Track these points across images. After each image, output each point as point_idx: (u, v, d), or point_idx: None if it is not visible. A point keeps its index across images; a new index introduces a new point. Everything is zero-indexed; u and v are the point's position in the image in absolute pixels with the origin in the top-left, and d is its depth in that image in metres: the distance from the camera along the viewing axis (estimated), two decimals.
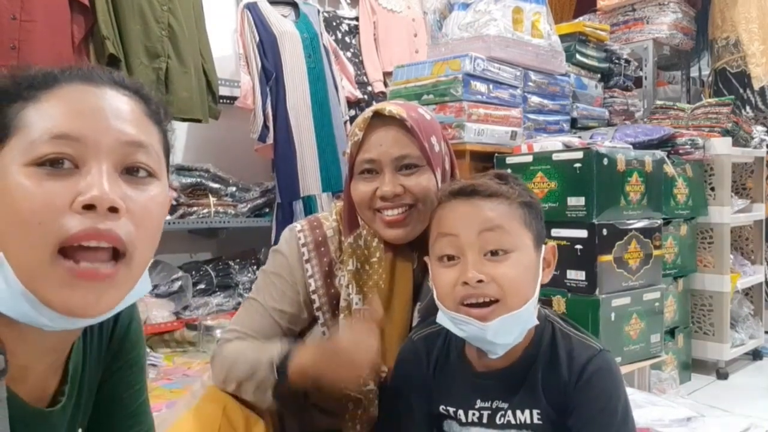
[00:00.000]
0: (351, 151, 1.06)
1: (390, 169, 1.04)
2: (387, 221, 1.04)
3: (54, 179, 0.59)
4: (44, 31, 2.27)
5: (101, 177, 0.60)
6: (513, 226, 0.89)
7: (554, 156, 2.04)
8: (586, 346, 0.94)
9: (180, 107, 2.65)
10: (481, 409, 0.96)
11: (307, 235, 1.16)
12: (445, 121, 2.33)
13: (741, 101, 3.47)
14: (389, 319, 1.10)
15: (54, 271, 0.58)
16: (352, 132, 1.08)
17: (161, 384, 2.36)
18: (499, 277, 0.86)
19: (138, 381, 0.83)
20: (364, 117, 1.06)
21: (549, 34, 2.67)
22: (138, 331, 0.82)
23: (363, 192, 1.06)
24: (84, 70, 0.66)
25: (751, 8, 3.49)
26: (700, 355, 2.64)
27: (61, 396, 0.70)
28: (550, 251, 0.96)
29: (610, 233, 1.94)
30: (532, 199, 0.95)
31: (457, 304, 0.88)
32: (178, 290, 2.84)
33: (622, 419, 0.90)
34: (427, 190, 1.06)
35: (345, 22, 3.57)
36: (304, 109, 2.98)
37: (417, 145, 1.05)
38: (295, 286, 1.14)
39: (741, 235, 3.02)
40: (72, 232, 0.58)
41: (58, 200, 0.58)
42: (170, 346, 2.81)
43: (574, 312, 1.92)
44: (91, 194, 0.58)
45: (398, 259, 1.10)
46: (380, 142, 1.04)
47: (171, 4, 2.64)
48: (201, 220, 2.86)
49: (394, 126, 1.05)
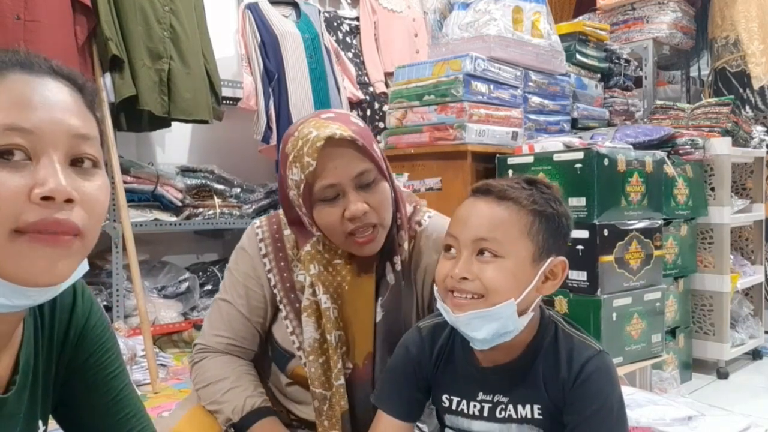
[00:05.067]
0: (305, 179, 1.03)
1: (351, 188, 1.04)
2: (360, 243, 1.07)
3: (8, 170, 0.61)
4: (49, 32, 2.29)
5: (56, 169, 0.63)
6: (510, 236, 0.90)
7: (555, 156, 2.05)
8: (586, 346, 0.96)
9: (184, 108, 2.66)
10: (482, 402, 0.98)
11: (264, 231, 1.19)
12: (446, 121, 2.34)
13: (741, 101, 3.47)
14: (354, 317, 1.13)
15: (12, 246, 0.61)
16: (300, 161, 1.04)
17: (171, 384, 2.38)
18: (482, 276, 0.90)
19: (115, 366, 0.85)
20: (314, 145, 1.02)
21: (549, 34, 2.68)
22: (101, 324, 0.85)
23: (331, 217, 1.05)
24: (22, 57, 0.68)
25: (751, 7, 3.50)
26: (701, 354, 2.65)
27: (12, 385, 0.73)
28: (560, 266, 0.95)
29: (611, 234, 1.96)
30: (552, 208, 0.93)
31: (446, 292, 0.93)
32: (185, 291, 2.86)
33: (618, 418, 0.93)
34: (386, 203, 1.09)
35: (346, 22, 3.58)
36: (306, 109, 2.99)
37: (368, 158, 1.06)
38: (259, 281, 1.17)
39: (741, 235, 3.03)
40: (31, 221, 0.61)
41: (14, 190, 0.61)
42: (179, 346, 2.83)
43: (576, 312, 1.93)
44: (49, 187, 0.62)
45: (362, 260, 1.13)
46: (336, 166, 1.03)
47: (173, 5, 2.65)
48: (207, 221, 2.88)
49: (345, 147, 1.04)
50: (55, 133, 0.64)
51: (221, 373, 1.13)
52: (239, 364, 1.16)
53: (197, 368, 1.16)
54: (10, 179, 0.61)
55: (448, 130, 2.32)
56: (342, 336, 1.12)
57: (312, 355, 1.11)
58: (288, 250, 1.17)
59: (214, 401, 1.11)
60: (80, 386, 0.83)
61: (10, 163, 0.62)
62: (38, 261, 0.63)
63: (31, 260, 0.62)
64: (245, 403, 1.08)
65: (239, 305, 1.16)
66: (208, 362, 1.15)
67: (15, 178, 0.61)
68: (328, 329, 1.10)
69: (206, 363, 1.15)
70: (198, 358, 1.17)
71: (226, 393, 1.10)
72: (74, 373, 0.82)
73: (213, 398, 1.11)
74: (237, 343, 1.16)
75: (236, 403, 1.08)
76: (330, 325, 1.10)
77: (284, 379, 1.20)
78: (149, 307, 2.61)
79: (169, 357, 2.64)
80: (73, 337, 0.82)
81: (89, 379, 0.83)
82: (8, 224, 0.61)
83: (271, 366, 1.22)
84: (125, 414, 0.85)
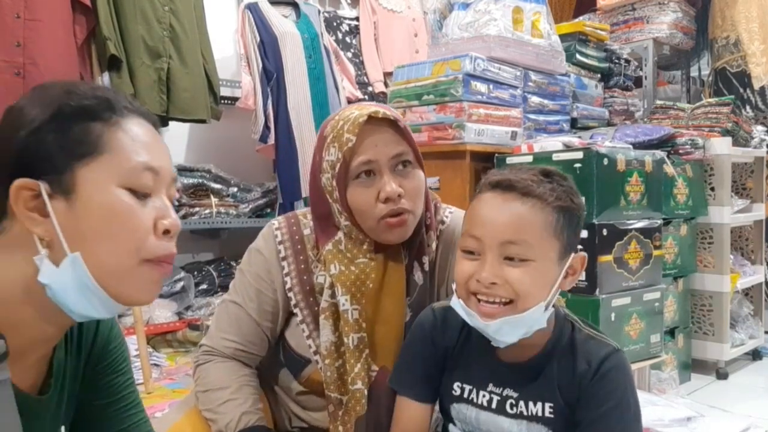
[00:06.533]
0: (344, 156, 1.04)
1: (388, 168, 1.04)
2: (392, 224, 1.05)
3: (140, 203, 0.72)
4: (48, 31, 2.29)
5: (169, 206, 0.74)
6: (538, 237, 0.87)
7: (554, 156, 2.05)
8: (604, 344, 0.95)
9: (183, 107, 2.66)
10: (491, 393, 0.97)
11: (284, 233, 1.16)
12: (445, 121, 2.33)
13: (741, 101, 3.47)
14: (380, 318, 1.10)
15: (140, 273, 0.71)
16: (339, 139, 1.05)
17: (164, 384, 2.37)
18: (513, 281, 0.86)
19: (129, 375, 0.91)
20: (356, 122, 1.03)
21: (549, 34, 2.67)
22: (120, 332, 0.92)
23: (365, 197, 1.05)
24: (130, 101, 0.76)
25: (752, 7, 3.49)
26: (700, 355, 2.65)
27: (48, 388, 0.78)
28: (579, 261, 0.93)
29: (610, 233, 1.95)
30: (573, 203, 0.91)
31: (469, 294, 0.89)
32: (180, 290, 2.85)
33: (635, 415, 0.91)
34: (420, 191, 1.09)
35: (345, 23, 3.58)
36: (305, 109, 2.99)
37: (407, 143, 1.07)
38: (272, 285, 1.14)
39: (741, 235, 3.03)
40: (159, 254, 0.72)
41: (147, 222, 0.71)
42: (173, 346, 2.82)
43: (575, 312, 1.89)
44: (170, 222, 0.73)
45: (389, 258, 1.10)
46: (375, 143, 1.04)
47: (172, 5, 2.65)
48: (203, 220, 2.87)
49: (386, 127, 1.06)
50: (167, 175, 0.75)
51: (222, 381, 1.10)
52: (242, 373, 1.13)
53: (200, 371, 1.14)
54: (145, 212, 0.71)
55: (447, 130, 2.32)
56: (364, 338, 1.09)
57: (328, 359, 1.09)
58: (308, 251, 1.14)
59: (210, 410, 1.09)
60: (98, 392, 0.86)
61: (142, 197, 0.72)
62: (152, 286, 0.74)
63: (148, 285, 0.73)
64: (240, 419, 1.05)
65: (249, 308, 1.14)
66: (212, 366, 1.13)
67: (146, 211, 0.72)
68: (345, 332, 1.08)
69: (209, 367, 1.13)
70: (203, 360, 1.15)
71: (223, 404, 1.08)
72: (95, 378, 0.86)
73: (210, 406, 1.09)
74: (244, 347, 1.14)
75: (231, 416, 1.06)
76: (348, 328, 1.08)
77: (296, 386, 1.18)
78: (143, 307, 2.60)
79: (163, 357, 2.63)
80: (99, 344, 0.86)
81: (107, 384, 0.87)
82: (141, 254, 0.71)
83: (281, 372, 1.20)
84: (135, 421, 0.89)
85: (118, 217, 0.69)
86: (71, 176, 0.68)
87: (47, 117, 0.69)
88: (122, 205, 0.70)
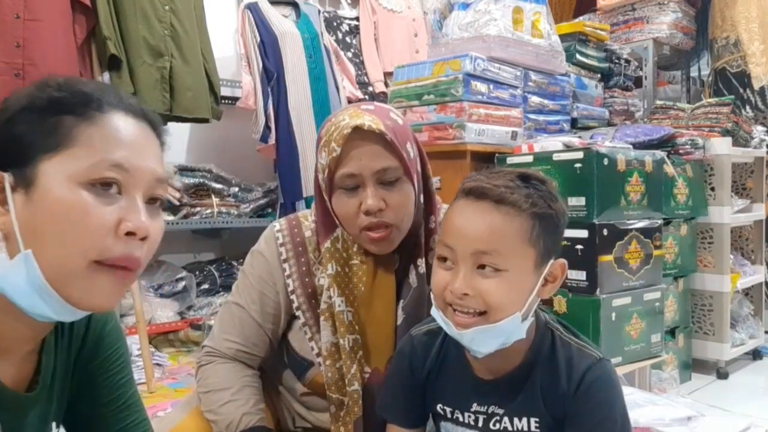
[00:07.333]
0: (329, 165, 1.03)
1: (371, 182, 1.03)
2: (373, 238, 1.05)
3: (103, 201, 0.67)
4: (48, 30, 2.29)
5: (140, 207, 0.69)
6: (512, 246, 0.84)
7: (555, 156, 2.05)
8: (585, 355, 0.92)
9: (185, 106, 2.66)
10: (476, 413, 0.95)
11: (285, 235, 1.15)
12: (445, 121, 2.34)
13: (741, 101, 3.47)
14: (372, 321, 1.10)
15: (89, 275, 0.66)
16: (328, 146, 1.04)
17: (166, 383, 2.38)
18: (485, 293, 0.84)
19: (126, 372, 0.88)
20: (342, 132, 1.01)
21: (549, 34, 2.68)
22: (117, 329, 0.88)
23: (347, 207, 1.04)
24: (122, 97, 0.73)
25: (752, 7, 3.50)
26: (700, 354, 2.65)
27: (36, 384, 0.76)
28: (559, 268, 0.90)
29: (610, 233, 1.95)
30: (551, 208, 0.87)
31: (445, 304, 0.88)
32: (182, 290, 2.86)
33: (622, 428, 0.90)
34: (406, 206, 1.07)
35: (345, 22, 3.58)
36: (305, 109, 2.99)
37: (395, 156, 1.04)
38: (274, 287, 1.14)
39: (741, 235, 3.03)
40: (115, 255, 0.67)
41: (107, 222, 0.66)
42: (175, 345, 2.83)
43: (575, 312, 1.93)
44: (135, 223, 0.67)
45: (379, 261, 1.10)
46: (360, 157, 1.02)
47: (172, 5, 2.65)
48: (204, 220, 2.88)
49: (373, 139, 1.03)
50: (144, 174, 0.70)
51: (224, 382, 1.11)
52: (244, 374, 1.13)
53: (202, 371, 1.14)
54: (105, 210, 0.66)
55: (448, 130, 2.32)
56: (359, 340, 1.09)
57: (329, 360, 1.09)
58: (310, 253, 1.14)
59: (211, 410, 1.09)
60: (92, 390, 0.85)
61: (106, 195, 0.67)
62: (107, 291, 0.68)
63: (101, 290, 0.68)
64: (241, 419, 1.06)
65: (252, 310, 1.14)
66: (214, 367, 1.13)
67: (108, 210, 0.67)
68: (341, 333, 1.08)
69: (211, 368, 1.13)
70: (205, 361, 1.15)
71: (224, 405, 1.08)
72: (88, 376, 0.84)
73: (211, 407, 1.09)
74: (247, 349, 1.14)
75: (232, 417, 1.06)
76: (343, 329, 1.08)
77: (300, 387, 1.18)
78: (145, 306, 2.60)
79: (165, 356, 2.64)
80: (90, 341, 0.84)
81: (102, 382, 0.85)
82: (92, 254, 0.66)
83: (285, 373, 1.20)
84: (132, 421, 0.87)
85: (71, 214, 0.65)
86: (33, 169, 0.66)
87: (18, 108, 0.67)
88: (78, 202, 0.65)
